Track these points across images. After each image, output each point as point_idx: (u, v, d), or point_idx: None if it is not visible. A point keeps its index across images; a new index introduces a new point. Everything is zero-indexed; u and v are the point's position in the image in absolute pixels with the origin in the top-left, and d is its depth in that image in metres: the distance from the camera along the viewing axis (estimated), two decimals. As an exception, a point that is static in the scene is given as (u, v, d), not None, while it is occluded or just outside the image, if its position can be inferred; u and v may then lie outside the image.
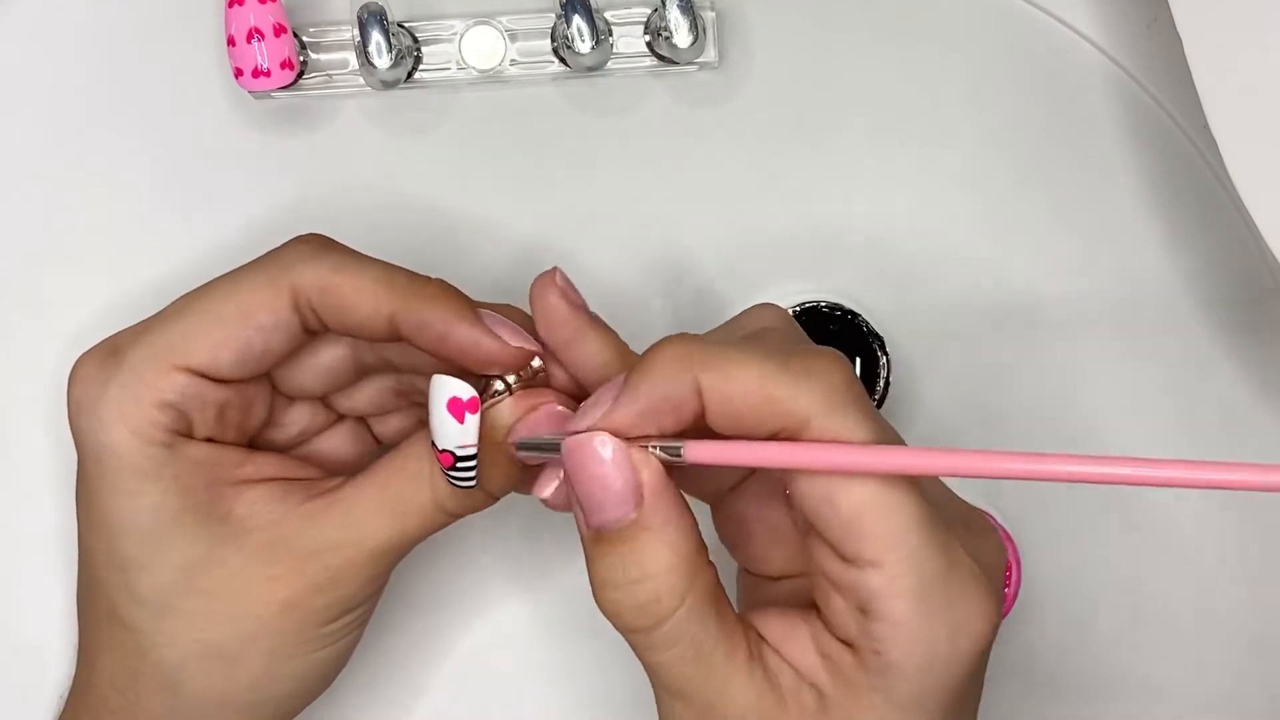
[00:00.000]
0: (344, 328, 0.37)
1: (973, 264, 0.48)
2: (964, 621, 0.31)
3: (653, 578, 0.32)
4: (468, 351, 0.36)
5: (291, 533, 0.37)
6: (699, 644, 0.32)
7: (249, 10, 0.44)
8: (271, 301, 0.37)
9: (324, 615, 0.38)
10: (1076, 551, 0.48)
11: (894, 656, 0.31)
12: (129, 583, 0.37)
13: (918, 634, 0.30)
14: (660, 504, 0.32)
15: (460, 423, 0.35)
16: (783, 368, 0.31)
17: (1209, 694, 0.48)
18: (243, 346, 0.37)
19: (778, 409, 0.30)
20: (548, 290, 0.36)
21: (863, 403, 0.31)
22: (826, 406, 0.30)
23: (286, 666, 0.38)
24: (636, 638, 0.33)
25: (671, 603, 0.32)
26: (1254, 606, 0.48)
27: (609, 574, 0.32)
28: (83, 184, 0.48)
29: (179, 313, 0.37)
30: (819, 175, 0.48)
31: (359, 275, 0.36)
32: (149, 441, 0.36)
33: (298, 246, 0.37)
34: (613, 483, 0.32)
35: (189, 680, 0.37)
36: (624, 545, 0.32)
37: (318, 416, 0.41)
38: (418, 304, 0.36)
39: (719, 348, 0.31)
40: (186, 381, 0.36)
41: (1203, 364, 0.48)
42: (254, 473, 0.38)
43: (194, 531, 0.37)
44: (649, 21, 0.47)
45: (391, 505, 0.37)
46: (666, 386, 0.31)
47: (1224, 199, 0.48)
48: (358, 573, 0.37)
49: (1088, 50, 0.49)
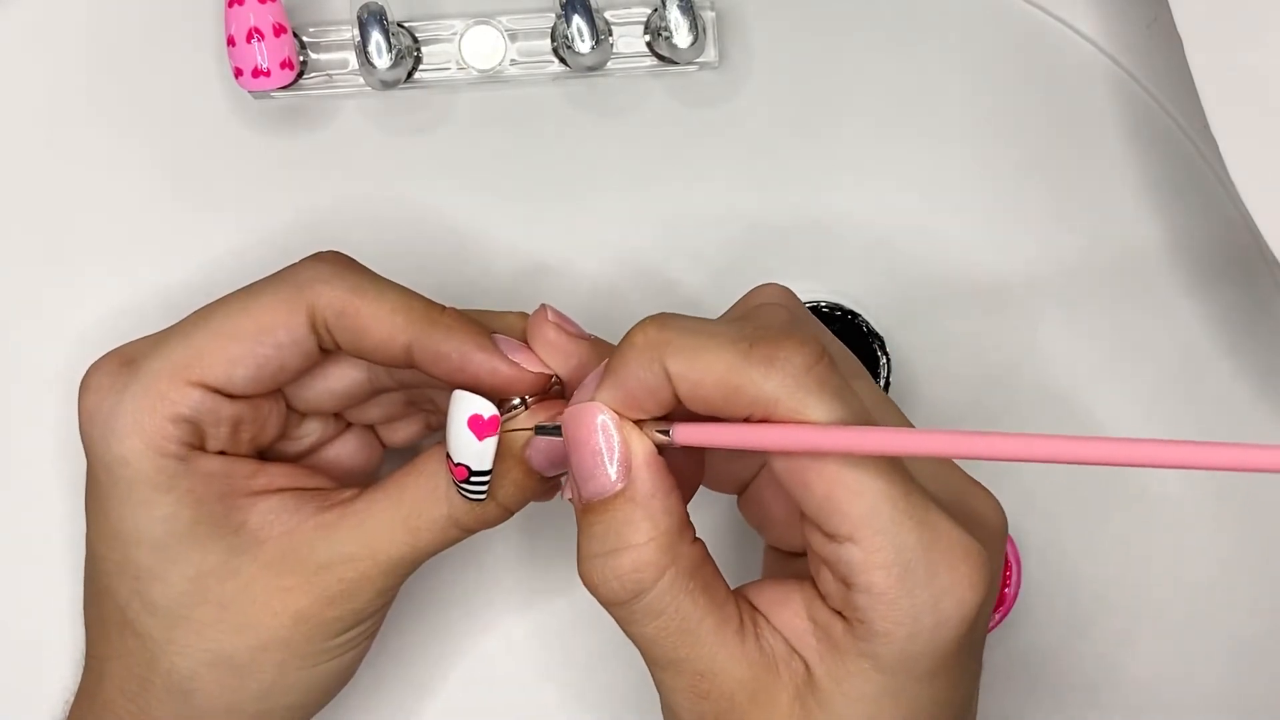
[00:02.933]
0: (358, 351, 0.37)
1: (973, 264, 0.48)
2: (949, 589, 0.31)
3: (633, 548, 0.32)
4: (484, 380, 0.36)
5: (304, 544, 0.37)
6: (684, 616, 0.33)
7: (249, 10, 0.44)
8: (288, 320, 0.37)
9: (335, 627, 0.38)
10: (1076, 551, 0.48)
11: (878, 625, 0.31)
12: (141, 591, 0.37)
13: (899, 603, 0.31)
14: (646, 476, 0.33)
15: (479, 440, 0.35)
16: (745, 354, 0.31)
17: (1207, 694, 0.48)
18: (258, 363, 0.37)
19: (744, 394, 0.31)
20: (544, 328, 0.36)
21: (828, 384, 0.31)
22: (790, 390, 0.31)
23: (295, 677, 0.38)
24: (618, 611, 0.33)
25: (651, 574, 0.32)
26: (1253, 607, 0.48)
27: (591, 545, 0.33)
28: (82, 184, 0.48)
29: (195, 326, 0.37)
30: (819, 175, 0.48)
31: (377, 301, 0.37)
32: (162, 454, 0.36)
33: (317, 265, 0.38)
34: (606, 451, 0.33)
35: (199, 689, 0.37)
36: (608, 514, 0.33)
37: (329, 428, 0.42)
38: (434, 334, 0.36)
39: (687, 334, 0.32)
40: (201, 396, 0.37)
41: (1202, 363, 0.48)
42: (266, 484, 0.38)
43: (207, 543, 0.37)
44: (649, 21, 0.47)
45: (405, 519, 0.37)
46: (640, 373, 0.32)
47: (1224, 199, 0.48)
48: (370, 585, 0.37)
49: (1088, 50, 0.49)
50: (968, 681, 0.34)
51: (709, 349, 0.31)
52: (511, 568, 0.48)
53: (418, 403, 0.42)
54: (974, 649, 0.34)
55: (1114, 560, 0.48)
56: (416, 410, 0.42)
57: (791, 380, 0.31)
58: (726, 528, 0.46)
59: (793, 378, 0.31)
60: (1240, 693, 0.48)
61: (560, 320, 0.37)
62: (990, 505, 0.35)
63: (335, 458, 0.42)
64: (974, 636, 0.33)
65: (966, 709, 0.35)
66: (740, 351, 0.31)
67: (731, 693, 0.33)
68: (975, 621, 0.32)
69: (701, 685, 0.33)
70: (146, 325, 0.39)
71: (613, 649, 0.46)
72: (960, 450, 0.29)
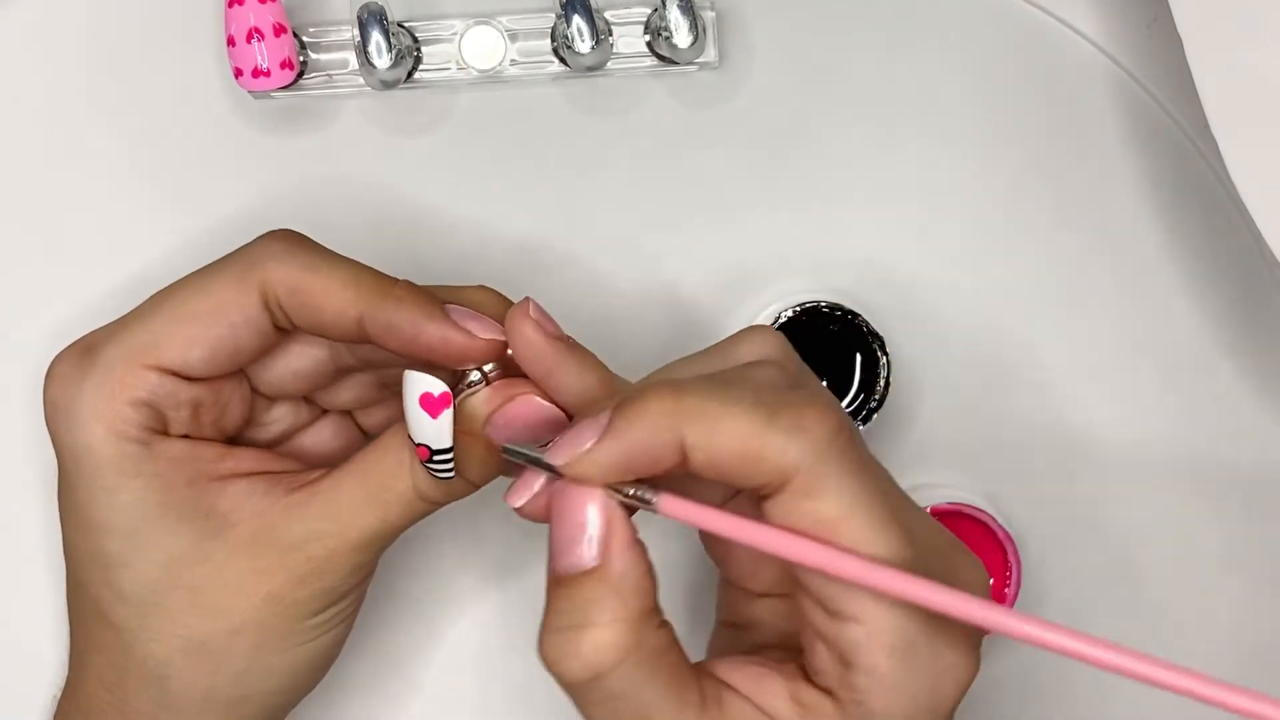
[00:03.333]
0: (312, 327, 0.37)
1: (972, 264, 0.48)
2: (948, 670, 0.31)
3: (597, 626, 0.32)
4: (437, 350, 0.36)
5: (274, 525, 0.37)
6: (643, 703, 0.32)
7: (249, 10, 0.44)
8: (241, 299, 0.37)
9: (308, 607, 0.37)
10: (1076, 551, 0.48)
11: (875, 706, 0.31)
12: (112, 580, 0.37)
13: (900, 685, 0.31)
14: (624, 559, 0.32)
15: (434, 418, 0.35)
16: (771, 422, 0.31)
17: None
18: (213, 345, 0.37)
19: (765, 465, 0.31)
20: (523, 323, 0.35)
21: (849, 456, 0.31)
22: (812, 460, 0.30)
23: (273, 661, 0.38)
24: (576, 691, 0.32)
25: (611, 657, 0.32)
26: (1253, 608, 0.48)
27: (556, 619, 0.32)
28: (82, 183, 0.48)
29: (151, 310, 0.37)
30: (819, 174, 0.48)
31: (328, 276, 0.36)
32: (125, 439, 0.36)
33: (269, 243, 0.37)
34: (588, 529, 0.32)
35: (175, 676, 0.37)
36: (576, 589, 0.32)
37: (301, 413, 0.41)
38: (385, 306, 0.36)
39: (705, 402, 0.31)
40: (159, 380, 0.37)
41: (1202, 363, 0.48)
42: (234, 467, 0.38)
43: (176, 527, 0.37)
44: (649, 21, 0.47)
45: (373, 495, 0.37)
46: (650, 438, 0.31)
47: (1224, 199, 0.48)
48: (341, 563, 0.37)
49: (1088, 50, 0.49)
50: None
51: (729, 418, 0.31)
52: (503, 562, 0.48)
53: (389, 385, 0.41)
54: None
55: (1113, 559, 0.48)
56: (390, 393, 0.42)
57: (814, 450, 0.30)
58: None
59: (815, 446, 0.30)
60: (1240, 693, 0.48)
61: (541, 318, 0.35)
62: (974, 569, 0.34)
63: (312, 444, 0.42)
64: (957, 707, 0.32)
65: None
66: (761, 419, 0.31)
67: None
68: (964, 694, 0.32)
69: None
70: (146, 325, 0.39)
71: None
72: (972, 617, 0.29)
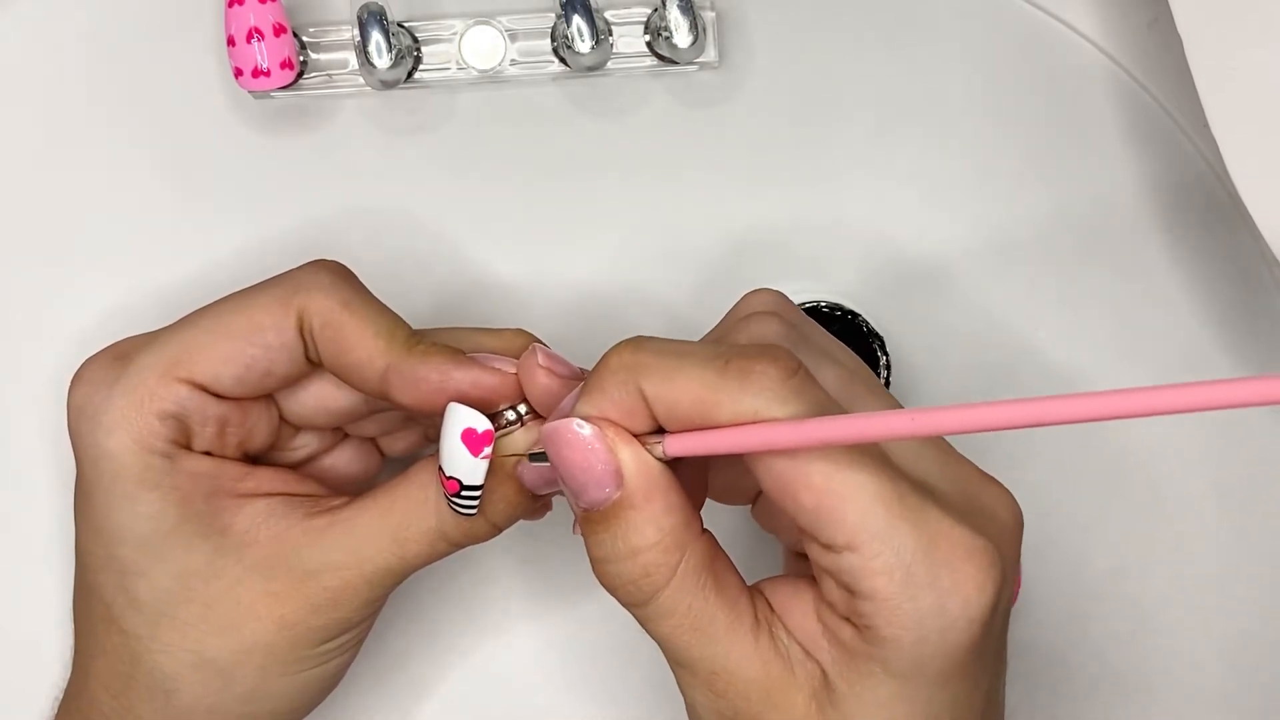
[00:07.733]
0: (335, 367, 0.37)
1: (972, 264, 0.48)
2: (953, 591, 0.31)
3: (640, 552, 0.32)
4: (469, 394, 0.36)
5: (291, 549, 0.37)
6: (696, 614, 0.33)
7: (249, 10, 0.44)
8: (278, 321, 0.37)
9: (320, 635, 0.38)
10: (1076, 551, 0.48)
11: (885, 631, 0.31)
12: (126, 587, 0.37)
13: (903, 608, 0.31)
14: (642, 482, 0.32)
15: (474, 454, 0.35)
16: (721, 371, 0.31)
17: (1207, 693, 0.48)
18: (245, 363, 0.37)
19: (722, 411, 0.31)
20: (535, 372, 0.36)
21: (805, 394, 0.31)
22: (768, 402, 0.31)
23: (278, 683, 0.38)
24: (636, 611, 0.33)
25: (662, 576, 0.32)
26: (1253, 606, 0.48)
27: (600, 550, 0.33)
28: (82, 184, 0.48)
29: (189, 324, 0.38)
30: (819, 175, 0.48)
31: (364, 318, 0.37)
32: (149, 450, 0.36)
33: (316, 272, 0.38)
34: (591, 465, 0.32)
35: (181, 690, 0.37)
36: (611, 523, 0.33)
37: (325, 439, 0.42)
38: (412, 359, 0.36)
39: (661, 355, 0.32)
40: (188, 393, 0.37)
41: (1202, 363, 0.48)
42: (255, 487, 0.38)
43: (192, 542, 0.37)
44: (649, 21, 0.47)
45: (393, 529, 0.37)
46: (615, 395, 0.32)
47: (1224, 199, 0.48)
48: (355, 595, 0.37)
49: (1088, 50, 0.49)
50: (988, 679, 0.34)
51: (683, 369, 0.31)
52: (511, 568, 0.48)
53: (415, 417, 0.42)
54: (991, 647, 0.33)
55: (1113, 558, 0.48)
56: (414, 423, 0.42)
57: (768, 393, 0.31)
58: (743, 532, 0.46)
59: (769, 390, 0.31)
60: (1240, 692, 0.48)
61: (551, 364, 0.36)
62: (1002, 499, 0.34)
63: (332, 466, 0.42)
64: (989, 635, 0.32)
65: (989, 707, 0.34)
66: (715, 369, 0.31)
67: (746, 692, 0.33)
68: (988, 621, 0.32)
69: (716, 684, 0.33)
70: (145, 325, 0.39)
71: (611, 650, 0.46)
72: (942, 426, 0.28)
